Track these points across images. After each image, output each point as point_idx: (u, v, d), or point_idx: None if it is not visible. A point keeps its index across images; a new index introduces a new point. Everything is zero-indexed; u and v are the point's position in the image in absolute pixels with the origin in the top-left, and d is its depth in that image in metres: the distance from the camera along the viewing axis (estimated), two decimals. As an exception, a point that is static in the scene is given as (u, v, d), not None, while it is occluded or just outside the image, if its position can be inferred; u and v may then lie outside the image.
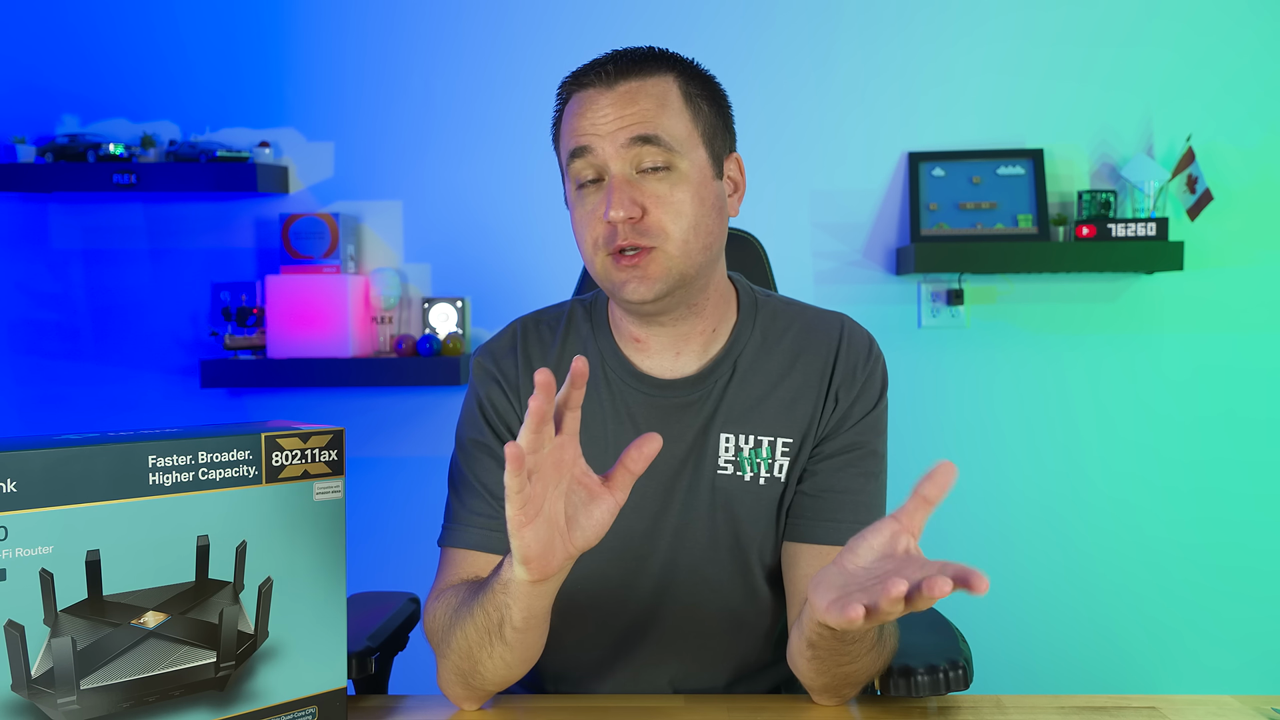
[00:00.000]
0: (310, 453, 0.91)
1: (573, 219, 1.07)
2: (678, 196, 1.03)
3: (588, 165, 1.03)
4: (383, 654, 1.22)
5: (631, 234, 1.01)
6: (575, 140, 1.04)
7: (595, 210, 1.04)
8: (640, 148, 1.02)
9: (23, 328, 2.50)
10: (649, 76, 1.05)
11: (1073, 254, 2.27)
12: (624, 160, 1.02)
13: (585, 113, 1.03)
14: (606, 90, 1.03)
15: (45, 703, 0.78)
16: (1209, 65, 2.35)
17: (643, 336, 1.11)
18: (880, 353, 1.16)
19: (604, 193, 1.03)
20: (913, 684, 1.02)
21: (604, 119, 1.02)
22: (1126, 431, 2.40)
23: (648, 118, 1.02)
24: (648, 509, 1.11)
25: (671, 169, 1.03)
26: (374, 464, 2.45)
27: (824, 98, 2.41)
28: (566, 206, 1.10)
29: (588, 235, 1.05)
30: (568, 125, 1.06)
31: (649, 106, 1.03)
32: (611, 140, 1.02)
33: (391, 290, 2.40)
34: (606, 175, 1.03)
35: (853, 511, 1.08)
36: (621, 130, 1.02)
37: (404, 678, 1.37)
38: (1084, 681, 2.40)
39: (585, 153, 1.03)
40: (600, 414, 1.11)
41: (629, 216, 1.01)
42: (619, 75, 1.04)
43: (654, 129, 1.02)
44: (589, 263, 1.06)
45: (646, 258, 1.02)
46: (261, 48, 2.44)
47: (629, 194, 1.01)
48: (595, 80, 1.04)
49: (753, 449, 1.10)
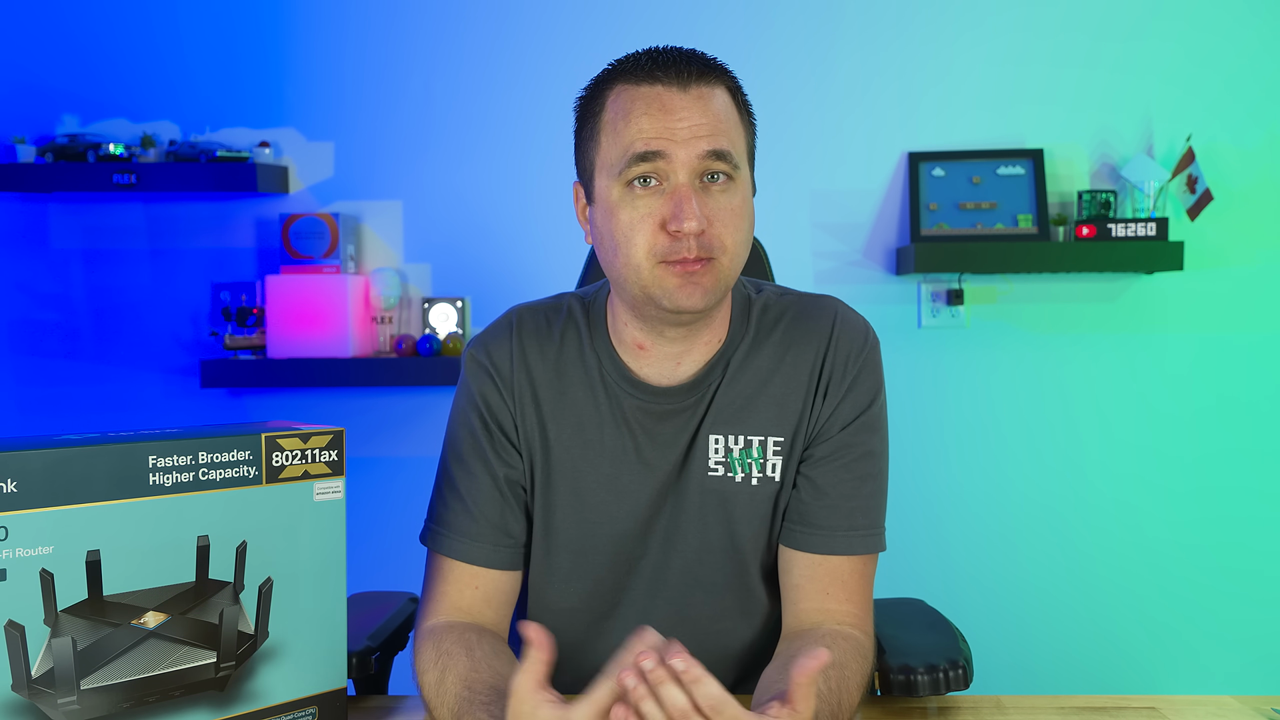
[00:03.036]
0: (310, 453, 0.91)
1: (613, 220, 1.01)
2: (737, 213, 1.01)
3: (652, 169, 0.99)
4: (383, 654, 1.22)
5: (696, 246, 0.98)
6: (644, 142, 0.98)
7: (651, 215, 0.99)
8: (714, 161, 0.99)
9: (23, 328, 2.50)
10: (712, 85, 1.01)
11: (1073, 254, 2.27)
12: (694, 170, 0.99)
13: (656, 113, 0.99)
14: (680, 92, 0.99)
15: (45, 703, 0.78)
16: (1209, 65, 2.35)
17: (647, 344, 1.09)
18: (876, 341, 1.13)
19: (665, 198, 0.99)
20: (912, 684, 1.02)
21: (681, 124, 0.98)
22: (1126, 431, 2.40)
23: (720, 129, 1.00)
24: (641, 514, 1.11)
25: (732, 183, 1.01)
26: (374, 464, 2.45)
27: (824, 98, 2.41)
28: (589, 201, 1.06)
29: (640, 240, 0.99)
30: (628, 122, 1.00)
31: (721, 115, 1.00)
32: (687, 148, 0.98)
33: (391, 290, 2.40)
34: (668, 181, 0.99)
35: (846, 517, 1.07)
36: (698, 139, 0.98)
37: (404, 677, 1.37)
38: (1084, 681, 2.40)
39: (655, 157, 0.98)
40: (596, 417, 1.11)
41: (702, 229, 0.98)
42: (693, 78, 0.99)
43: (728, 143, 1.00)
44: (631, 268, 1.00)
45: (705, 268, 0.99)
46: (261, 48, 2.44)
47: (701, 206, 0.98)
48: (668, 78, 0.99)
49: (743, 450, 1.09)
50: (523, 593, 1.16)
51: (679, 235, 0.98)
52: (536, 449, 1.11)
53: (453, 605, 1.08)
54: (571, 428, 1.11)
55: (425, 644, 1.03)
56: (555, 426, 1.11)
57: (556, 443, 1.11)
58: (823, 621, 1.05)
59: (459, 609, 1.07)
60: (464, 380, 1.14)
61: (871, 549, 1.08)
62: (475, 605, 1.08)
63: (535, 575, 1.15)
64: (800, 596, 1.07)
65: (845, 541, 1.07)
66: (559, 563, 1.13)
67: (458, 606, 1.07)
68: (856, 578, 1.07)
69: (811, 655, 0.80)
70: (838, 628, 1.04)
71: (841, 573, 1.07)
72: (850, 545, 1.07)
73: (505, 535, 1.10)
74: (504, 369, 1.12)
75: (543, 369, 1.12)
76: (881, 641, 1.10)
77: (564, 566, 1.13)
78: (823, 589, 1.06)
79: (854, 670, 0.98)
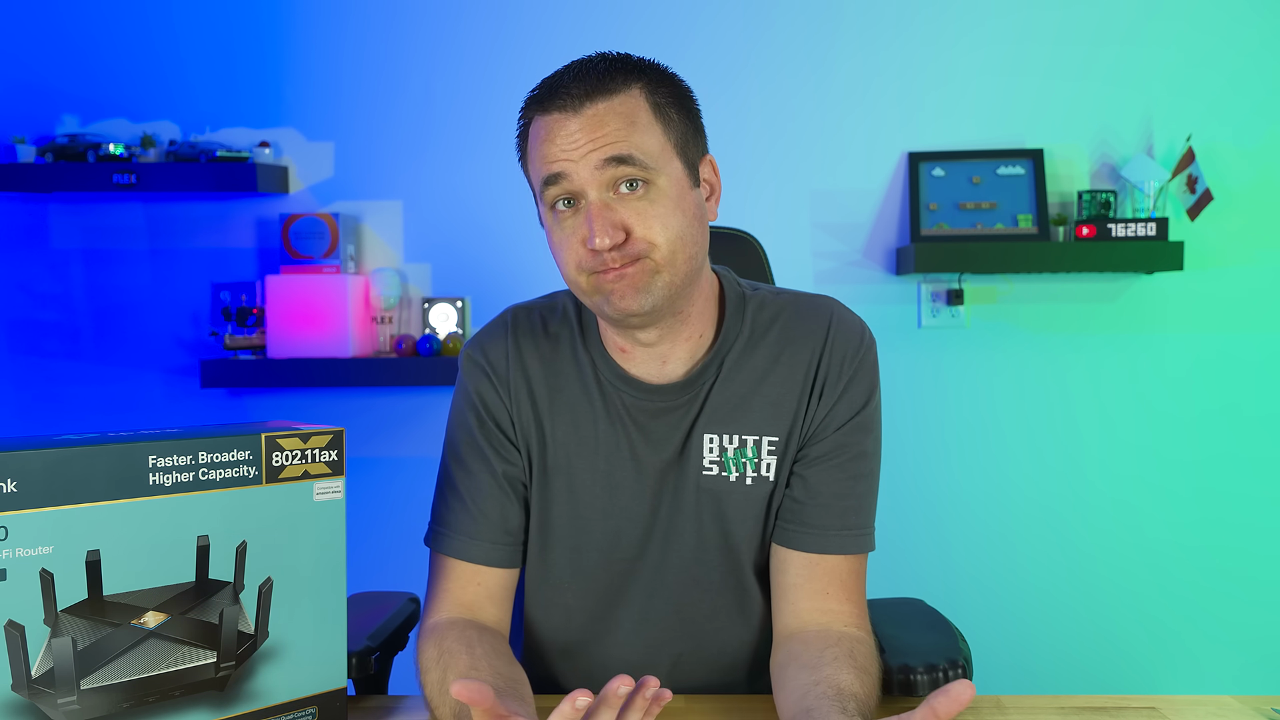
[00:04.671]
0: (310, 453, 0.91)
1: (551, 241, 1.04)
2: (659, 212, 1.00)
3: (563, 191, 1.01)
4: (383, 654, 1.23)
5: (618, 259, 0.99)
6: (547, 167, 1.01)
7: (575, 233, 1.01)
8: (615, 169, 0.99)
9: (23, 328, 2.50)
10: (615, 94, 1.01)
11: (1073, 254, 2.27)
12: (599, 183, 1.00)
13: (554, 138, 1.00)
14: (573, 115, 1.00)
15: (45, 703, 0.78)
16: (1209, 65, 2.35)
17: (628, 348, 1.10)
18: (871, 341, 1.13)
19: (583, 216, 1.00)
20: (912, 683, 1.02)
21: (574, 144, 0.99)
22: (1126, 431, 2.40)
23: (619, 138, 1.00)
24: (636, 513, 1.11)
25: (649, 185, 1.00)
26: (374, 464, 2.45)
27: (824, 98, 2.41)
28: (541, 226, 1.08)
29: (569, 258, 1.02)
30: (537, 151, 1.03)
31: (619, 126, 1.00)
32: (584, 164, 0.99)
33: (391, 290, 2.40)
34: (583, 199, 1.00)
35: (840, 516, 1.08)
36: (594, 153, 0.99)
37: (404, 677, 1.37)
38: (1084, 681, 2.40)
39: (559, 179, 1.00)
40: (592, 414, 1.11)
41: (614, 244, 0.99)
42: (584, 97, 1.00)
43: (627, 149, 0.99)
44: (571, 283, 1.04)
45: (636, 267, 1.00)
46: (261, 48, 2.45)
47: (609, 219, 0.99)
48: (560, 104, 1.01)
49: (737, 449, 1.10)
50: (520, 590, 1.16)
51: (595, 252, 1.00)
52: (533, 445, 1.12)
53: (455, 602, 1.08)
54: (567, 424, 1.11)
55: (428, 642, 1.04)
56: (551, 423, 1.12)
57: (552, 439, 1.12)
58: (828, 623, 1.05)
59: (461, 606, 1.08)
60: (461, 380, 1.15)
61: (863, 548, 1.09)
62: (478, 602, 1.08)
63: (532, 572, 1.15)
64: (798, 596, 1.08)
65: (839, 541, 1.07)
66: (555, 559, 1.13)
67: (460, 603, 1.08)
68: (853, 577, 1.08)
69: (954, 696, 0.78)
70: (846, 630, 1.04)
71: (839, 572, 1.07)
72: (844, 544, 1.07)
73: (506, 533, 1.10)
74: (500, 367, 1.12)
75: (538, 366, 1.12)
76: (881, 641, 1.11)
77: (559, 563, 1.13)
78: (821, 588, 1.07)
79: (878, 673, 1.00)
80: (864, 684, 0.95)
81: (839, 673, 0.95)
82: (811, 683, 0.94)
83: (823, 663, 0.98)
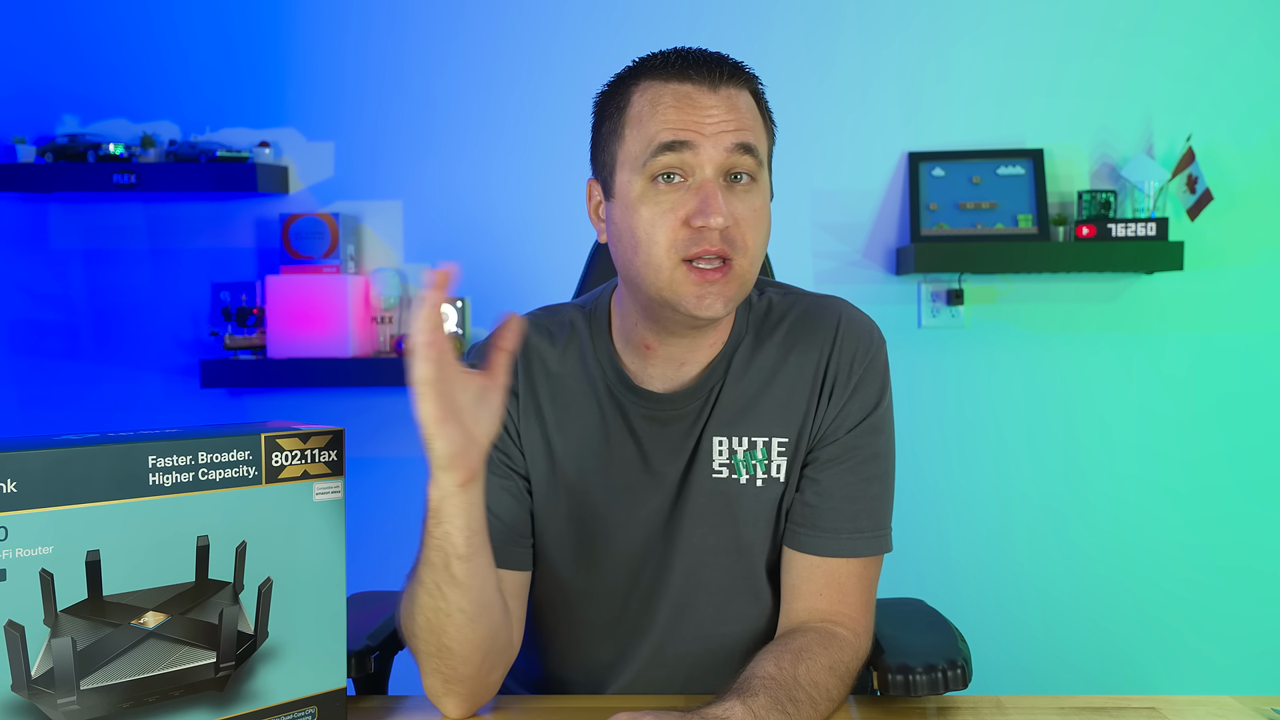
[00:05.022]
0: (310, 453, 0.91)
1: (634, 215, 1.00)
2: (758, 211, 1.01)
3: (677, 161, 0.98)
4: (382, 653, 1.22)
5: (720, 242, 0.98)
6: (673, 132, 0.98)
7: (674, 210, 0.98)
8: (740, 156, 0.99)
9: (23, 328, 2.50)
10: (739, 87, 1.02)
11: (1073, 254, 2.27)
12: (719, 165, 0.98)
13: (685, 107, 0.98)
14: (710, 91, 0.99)
15: (45, 703, 0.78)
16: (1209, 65, 2.35)
17: (654, 344, 1.08)
18: (882, 341, 1.12)
19: (690, 193, 0.98)
20: (911, 683, 1.02)
21: (710, 119, 0.98)
22: (1126, 431, 2.40)
23: (747, 125, 1.00)
24: (651, 522, 1.10)
25: (754, 183, 1.01)
26: (374, 464, 2.45)
27: (824, 98, 2.41)
28: (606, 198, 1.05)
29: (662, 236, 0.98)
30: (656, 115, 0.99)
31: (747, 116, 1.00)
32: (715, 141, 0.98)
33: (391, 290, 2.40)
34: (693, 177, 0.99)
35: (852, 520, 1.07)
36: (727, 134, 0.98)
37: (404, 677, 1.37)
38: (1084, 682, 2.40)
39: (684, 148, 0.97)
40: (603, 430, 1.10)
41: (727, 224, 0.97)
42: (721, 78, 1.00)
43: (753, 137, 1.00)
44: (651, 267, 0.99)
45: (725, 275, 0.99)
46: (261, 48, 2.45)
47: (727, 203, 0.98)
48: (698, 77, 0.99)
49: (747, 451, 1.09)
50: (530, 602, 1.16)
51: (703, 230, 0.97)
52: (540, 460, 1.11)
53: None
54: (577, 440, 1.10)
55: (399, 602, 1.04)
56: (561, 440, 1.10)
57: (563, 457, 1.10)
58: (808, 620, 1.05)
59: None
60: None
61: (876, 551, 1.08)
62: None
63: (543, 584, 1.14)
64: (794, 596, 1.08)
65: (850, 544, 1.07)
66: (567, 574, 1.13)
67: None
68: (854, 580, 1.07)
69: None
70: (810, 621, 1.04)
71: (839, 575, 1.06)
72: (855, 548, 1.07)
73: (519, 535, 1.10)
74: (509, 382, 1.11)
75: (546, 383, 1.12)
76: (881, 641, 1.10)
77: (572, 577, 1.13)
78: (817, 590, 1.06)
79: (819, 656, 0.98)
80: (795, 669, 0.95)
81: (764, 662, 0.96)
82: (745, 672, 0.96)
83: (766, 652, 0.98)
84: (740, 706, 0.88)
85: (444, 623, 0.95)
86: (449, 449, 0.87)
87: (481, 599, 0.95)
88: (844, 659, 1.01)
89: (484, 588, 0.96)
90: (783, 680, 0.93)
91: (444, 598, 0.94)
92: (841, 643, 1.02)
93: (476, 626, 0.96)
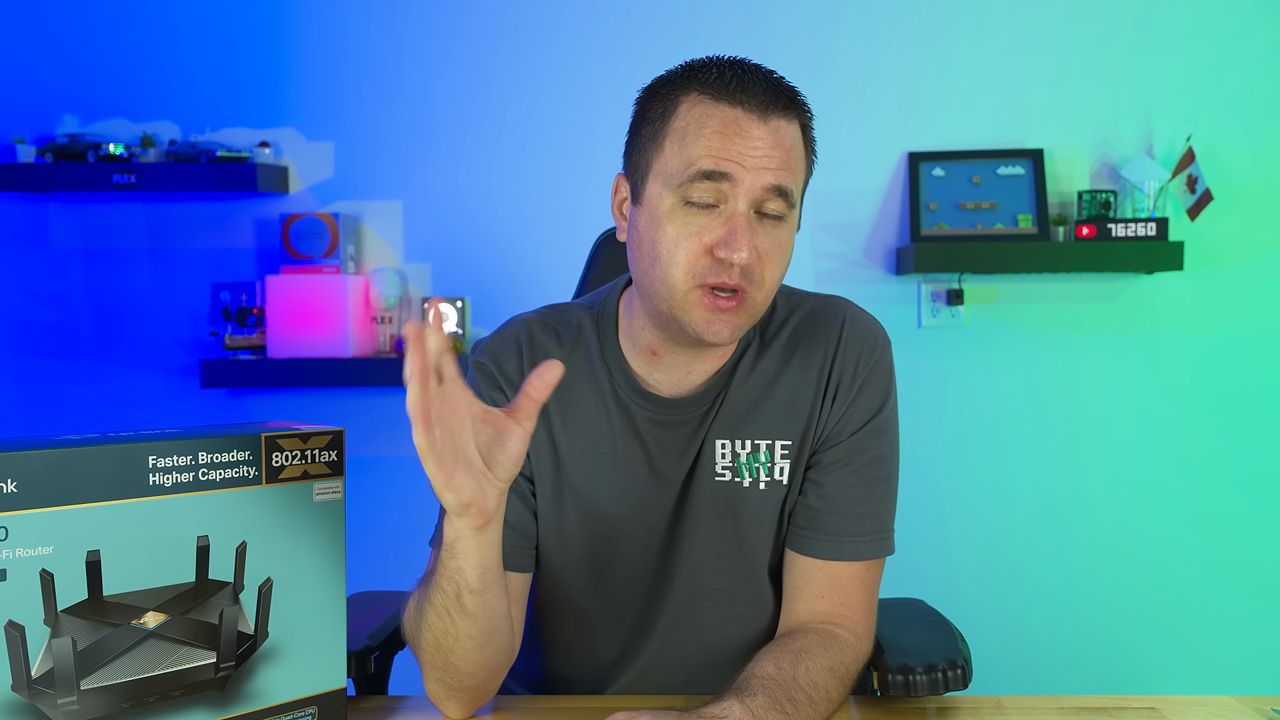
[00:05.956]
0: (310, 453, 0.91)
1: (659, 230, 0.99)
2: (781, 249, 1.00)
3: (714, 190, 0.97)
4: (383, 653, 1.22)
5: (739, 276, 0.97)
6: (714, 161, 0.96)
7: (699, 235, 0.97)
8: (774, 198, 0.98)
9: (23, 328, 2.50)
10: (790, 119, 1.00)
11: (1073, 254, 2.27)
12: (753, 200, 0.97)
13: (732, 135, 0.96)
14: (759, 121, 0.97)
15: (45, 703, 0.78)
16: (1209, 65, 2.35)
17: (661, 351, 1.07)
18: (887, 343, 1.12)
19: (718, 222, 0.97)
20: (911, 684, 1.02)
21: (754, 152, 0.96)
22: (1126, 431, 2.40)
23: (787, 164, 0.98)
24: (656, 524, 1.10)
25: (782, 221, 1.00)
26: (374, 464, 2.45)
27: (824, 98, 2.40)
28: (634, 200, 1.03)
29: (681, 258, 0.97)
30: (699, 137, 0.97)
31: (790, 152, 0.99)
32: (754, 176, 0.96)
33: (391, 290, 2.40)
34: (725, 205, 0.97)
35: (855, 523, 1.07)
36: (768, 171, 0.96)
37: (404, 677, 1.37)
38: (1084, 682, 2.40)
39: (720, 178, 0.96)
40: (609, 429, 1.10)
41: (750, 261, 0.96)
42: (770, 107, 0.98)
43: (790, 179, 0.98)
44: (665, 284, 0.99)
45: (739, 306, 0.98)
46: (261, 48, 2.45)
47: (753, 238, 0.97)
48: (745, 102, 0.97)
49: (750, 454, 1.09)
50: (532, 601, 1.16)
51: (727, 262, 0.96)
52: (546, 463, 1.11)
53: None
54: (583, 443, 1.10)
55: (404, 607, 1.04)
56: (566, 441, 1.10)
57: (568, 457, 1.10)
58: (809, 621, 1.05)
59: None
60: (473, 385, 1.13)
61: (878, 554, 1.08)
62: None
63: (545, 586, 1.14)
64: (796, 598, 1.08)
65: (852, 547, 1.06)
66: (572, 576, 1.13)
67: None
68: (856, 582, 1.07)
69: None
70: (811, 623, 1.04)
71: (841, 578, 1.06)
72: (857, 551, 1.07)
73: (523, 536, 1.10)
74: (515, 381, 1.10)
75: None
76: (881, 641, 1.10)
77: (576, 580, 1.13)
78: (818, 592, 1.06)
79: (819, 657, 0.98)
80: (794, 669, 0.95)
81: (763, 662, 0.96)
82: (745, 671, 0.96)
83: (766, 652, 0.98)
84: (739, 706, 0.88)
85: (452, 645, 0.95)
86: (459, 500, 0.85)
87: (490, 627, 0.96)
88: (844, 660, 1.01)
89: (493, 617, 0.96)
90: (782, 680, 0.93)
91: (453, 623, 0.94)
92: (842, 644, 1.02)
93: (484, 650, 0.97)
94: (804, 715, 0.92)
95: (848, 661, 1.01)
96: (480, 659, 0.97)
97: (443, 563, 0.92)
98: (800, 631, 1.03)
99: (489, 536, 0.89)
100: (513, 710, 1.05)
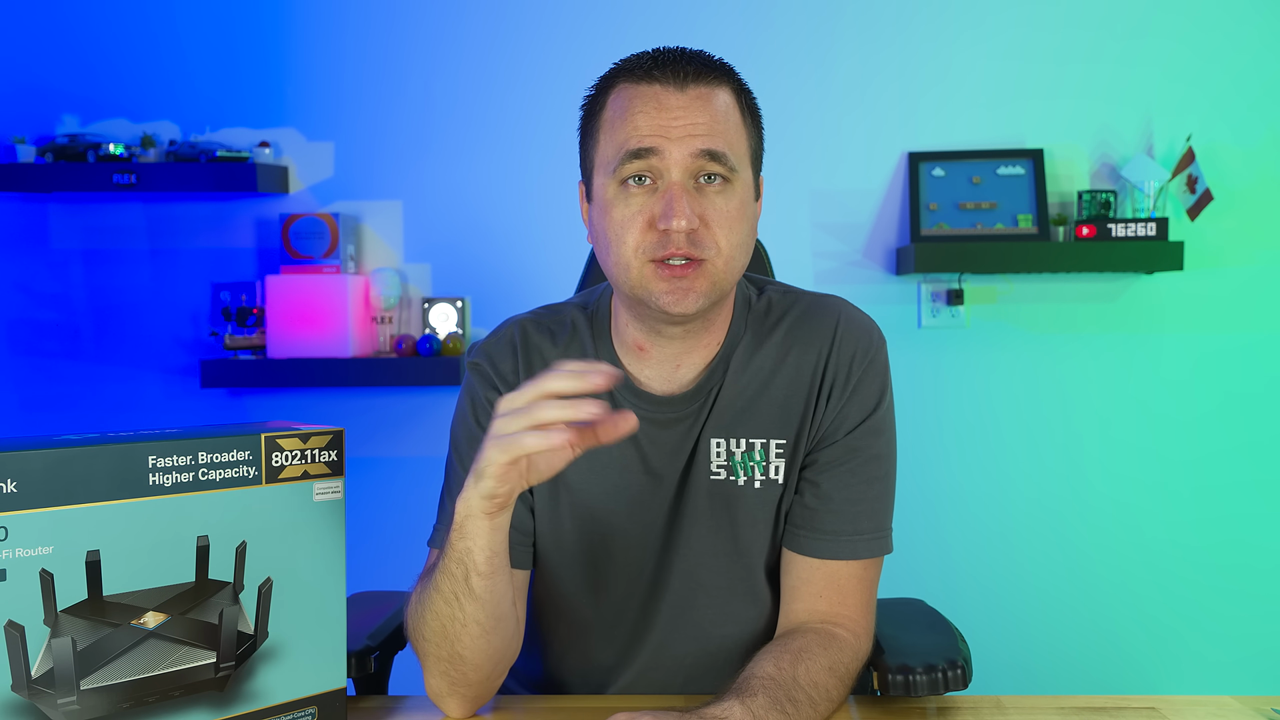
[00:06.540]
0: (310, 453, 0.91)
1: (607, 217, 1.01)
2: (731, 213, 1.00)
3: (645, 167, 0.98)
4: (383, 653, 1.22)
5: (686, 244, 0.98)
6: (638, 139, 0.98)
7: (642, 212, 0.99)
8: (707, 161, 0.98)
9: (23, 328, 2.50)
10: (716, 86, 1.01)
11: (1073, 254, 2.27)
12: (687, 169, 0.98)
13: (652, 111, 0.98)
14: (677, 91, 0.99)
15: (45, 703, 0.78)
16: (1209, 65, 2.35)
17: (647, 345, 1.08)
18: (882, 341, 1.12)
19: (657, 196, 0.99)
20: (911, 683, 1.02)
21: (676, 122, 0.98)
22: (1126, 431, 2.40)
23: (717, 129, 0.99)
24: (646, 518, 1.10)
25: (729, 183, 1.00)
26: (374, 464, 2.45)
27: (824, 98, 2.41)
28: (586, 200, 1.06)
29: (629, 238, 0.99)
30: (625, 120, 1.00)
31: (718, 119, 0.99)
32: (680, 146, 0.98)
33: (391, 290, 2.40)
34: (662, 180, 0.99)
35: (852, 522, 1.07)
36: (692, 138, 0.98)
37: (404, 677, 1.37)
38: (1084, 682, 2.40)
39: (648, 154, 0.98)
40: None
41: (691, 227, 0.97)
42: (690, 77, 0.99)
43: (723, 145, 0.99)
44: (620, 266, 1.00)
45: (695, 271, 0.99)
46: (261, 48, 2.45)
47: (690, 204, 0.98)
48: (662, 77, 0.99)
49: (745, 453, 1.09)
50: (531, 601, 1.16)
51: (668, 233, 0.97)
52: None
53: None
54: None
55: (406, 603, 1.04)
56: None
57: None
58: (808, 621, 1.05)
59: None
60: (470, 386, 1.13)
61: (876, 553, 1.08)
62: None
63: (543, 586, 1.15)
64: (794, 598, 1.08)
65: (850, 546, 1.06)
66: (568, 575, 1.13)
67: None
68: (854, 581, 1.07)
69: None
70: (809, 623, 1.04)
71: (839, 577, 1.06)
72: (855, 550, 1.06)
73: (520, 533, 1.10)
74: (510, 380, 1.10)
75: None
76: (881, 641, 1.10)
77: (573, 578, 1.13)
78: (816, 592, 1.06)
79: (818, 657, 0.98)
80: (794, 669, 0.95)
81: (763, 662, 0.96)
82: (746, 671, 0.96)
83: (765, 652, 0.99)
84: (739, 706, 0.88)
85: (459, 632, 0.96)
86: (497, 490, 0.88)
87: (497, 613, 0.96)
88: (844, 660, 1.01)
89: (500, 603, 0.96)
90: (782, 680, 0.93)
91: (461, 608, 0.95)
92: (841, 644, 1.02)
93: (491, 638, 0.97)
94: (804, 715, 0.92)
95: (847, 661, 1.01)
96: (487, 648, 0.97)
97: (451, 544, 0.93)
98: (799, 631, 1.03)
99: (499, 522, 0.91)
100: (513, 710, 1.05)
